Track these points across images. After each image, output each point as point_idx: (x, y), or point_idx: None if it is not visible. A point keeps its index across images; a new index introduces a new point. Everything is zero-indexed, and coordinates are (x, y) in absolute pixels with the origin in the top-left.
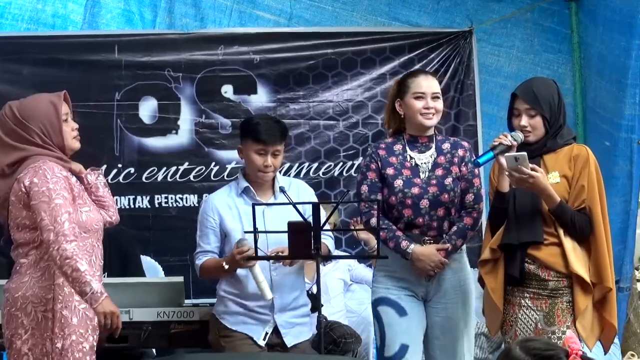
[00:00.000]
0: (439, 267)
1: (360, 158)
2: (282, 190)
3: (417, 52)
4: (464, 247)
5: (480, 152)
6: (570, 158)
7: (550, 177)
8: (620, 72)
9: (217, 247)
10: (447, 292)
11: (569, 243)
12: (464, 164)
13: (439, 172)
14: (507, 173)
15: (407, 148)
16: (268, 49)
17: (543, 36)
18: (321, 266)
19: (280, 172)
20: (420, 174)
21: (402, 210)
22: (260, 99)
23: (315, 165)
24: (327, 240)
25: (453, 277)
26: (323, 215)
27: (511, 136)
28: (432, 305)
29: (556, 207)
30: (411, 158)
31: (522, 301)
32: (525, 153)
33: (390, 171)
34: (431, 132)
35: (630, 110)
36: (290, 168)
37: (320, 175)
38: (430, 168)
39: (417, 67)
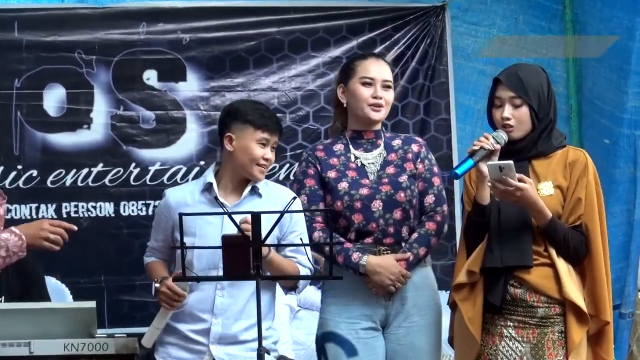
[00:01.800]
0: (401, 281)
1: None
2: (253, 189)
3: (379, 31)
4: (429, 259)
5: (454, 152)
6: (565, 165)
7: (542, 188)
8: (622, 56)
9: (164, 247)
10: (410, 314)
11: (562, 265)
12: (419, 160)
13: (391, 169)
14: (489, 184)
15: (350, 147)
16: (199, 27)
17: (529, 13)
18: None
19: None
20: (369, 174)
21: (351, 217)
22: (190, 87)
23: None
24: (303, 267)
25: (416, 294)
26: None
27: (493, 138)
28: (392, 332)
29: (547, 225)
30: (356, 158)
31: (505, 331)
32: (511, 162)
33: (332, 174)
34: (378, 127)
35: (633, 101)
36: None
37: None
38: (379, 167)
39: (379, 48)
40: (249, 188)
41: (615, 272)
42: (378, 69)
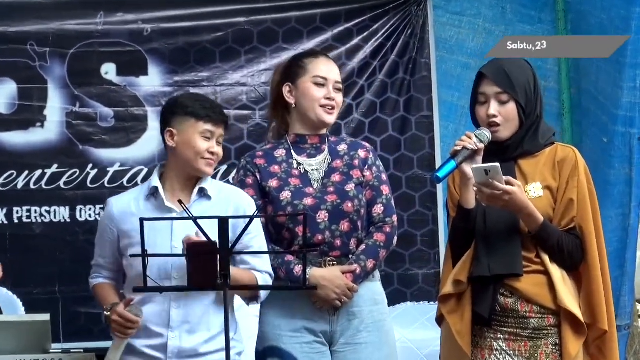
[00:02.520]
0: (347, 295)
1: None
2: (202, 191)
3: (356, 21)
4: (377, 274)
5: (437, 152)
6: (554, 164)
7: (531, 190)
8: (620, 48)
9: (112, 264)
10: (359, 330)
11: (556, 271)
12: (367, 167)
13: (336, 177)
14: (474, 188)
15: (293, 152)
16: (162, 17)
17: (518, 1)
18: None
19: None
20: (312, 182)
21: (295, 229)
22: (151, 81)
23: (223, 168)
24: (260, 273)
25: (365, 310)
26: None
27: (476, 137)
28: (339, 350)
29: (539, 230)
30: (299, 164)
31: (495, 343)
32: (497, 164)
33: (273, 183)
34: (324, 131)
35: (628, 97)
36: None
37: (231, 181)
38: (324, 175)
39: (356, 40)
40: (196, 190)
41: (611, 282)
42: (331, 69)
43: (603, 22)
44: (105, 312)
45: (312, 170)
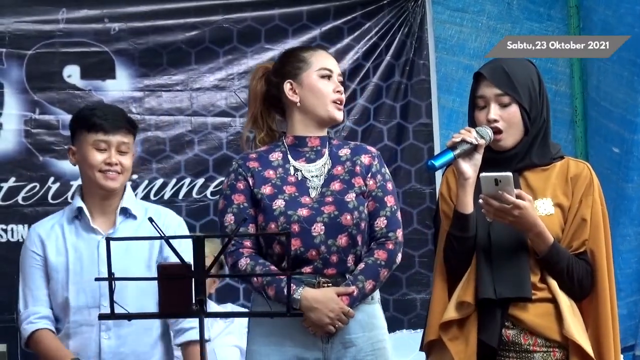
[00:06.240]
0: (342, 320)
1: None
2: (150, 220)
3: (347, 18)
4: (377, 295)
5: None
6: (566, 179)
7: (540, 206)
8: (634, 48)
9: (51, 297)
10: (356, 359)
11: (565, 300)
12: (370, 175)
13: (336, 186)
14: (480, 200)
15: (290, 156)
16: (131, 14)
17: None
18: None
19: (144, 191)
20: (310, 190)
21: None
22: (119, 85)
23: (200, 181)
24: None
25: (363, 336)
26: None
27: (476, 132)
28: None
29: (549, 251)
30: (296, 170)
31: None
32: (509, 174)
33: (266, 190)
34: (325, 132)
35: None
36: (164, 186)
37: (208, 196)
38: (323, 182)
39: (347, 40)
40: (118, 211)
41: (628, 307)
42: (333, 62)
43: (612, 18)
44: None
45: (312, 177)
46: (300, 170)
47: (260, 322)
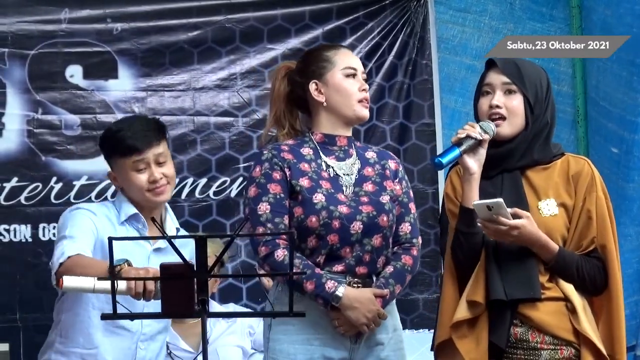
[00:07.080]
0: (376, 321)
1: None
2: (152, 220)
3: (349, 18)
4: None
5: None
6: (567, 178)
7: (544, 208)
8: (633, 48)
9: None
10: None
11: (577, 297)
12: (397, 180)
13: (369, 187)
14: (479, 224)
15: (320, 153)
16: (134, 14)
17: None
18: (211, 327)
19: None
20: (343, 188)
21: (327, 237)
22: (122, 85)
23: (203, 181)
24: None
25: (386, 337)
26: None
27: (480, 127)
28: None
29: (555, 260)
30: (328, 166)
31: None
32: (501, 200)
33: (304, 182)
34: (350, 132)
35: None
36: None
37: (211, 196)
38: (354, 181)
39: (349, 40)
40: (166, 223)
41: (630, 307)
42: (356, 60)
43: (609, 18)
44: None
45: (344, 174)
46: (332, 167)
47: (285, 321)
